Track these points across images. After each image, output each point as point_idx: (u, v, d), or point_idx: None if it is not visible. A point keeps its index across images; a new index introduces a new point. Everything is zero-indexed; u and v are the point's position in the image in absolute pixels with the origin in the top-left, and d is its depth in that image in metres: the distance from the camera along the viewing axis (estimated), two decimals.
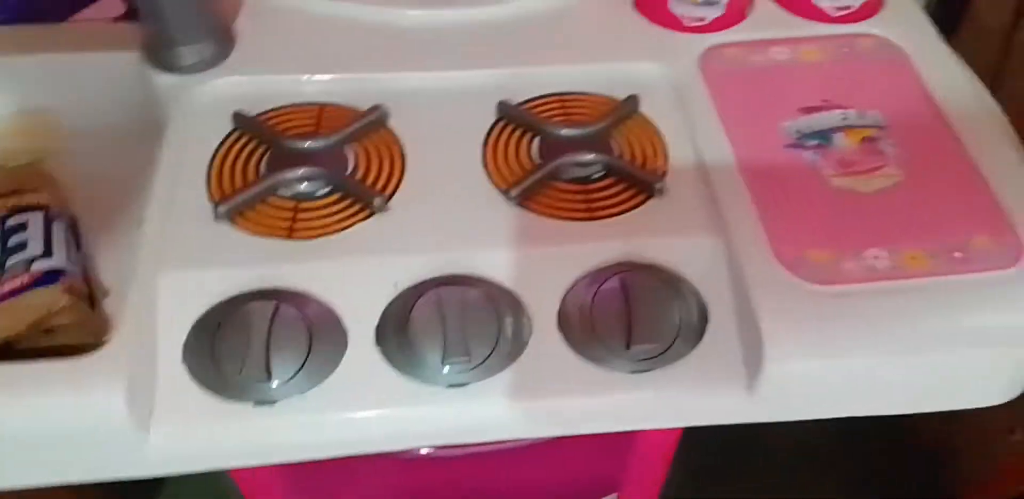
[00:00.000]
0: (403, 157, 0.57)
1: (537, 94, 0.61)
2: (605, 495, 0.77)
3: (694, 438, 0.62)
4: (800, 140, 0.57)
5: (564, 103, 0.61)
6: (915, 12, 0.68)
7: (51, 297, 0.50)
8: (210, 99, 0.59)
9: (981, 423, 0.99)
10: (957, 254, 0.51)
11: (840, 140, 0.57)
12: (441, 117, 0.59)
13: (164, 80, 0.59)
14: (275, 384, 0.47)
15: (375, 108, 0.58)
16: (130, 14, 0.61)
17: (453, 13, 0.64)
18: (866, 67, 0.63)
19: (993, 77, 0.69)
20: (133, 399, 0.45)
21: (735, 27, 0.66)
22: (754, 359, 0.48)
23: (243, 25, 0.63)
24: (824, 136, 0.57)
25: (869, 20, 0.66)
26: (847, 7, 0.66)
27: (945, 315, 0.49)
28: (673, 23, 0.65)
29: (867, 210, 0.53)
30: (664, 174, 0.56)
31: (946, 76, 0.62)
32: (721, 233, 0.52)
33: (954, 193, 0.54)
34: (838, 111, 0.59)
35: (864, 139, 0.57)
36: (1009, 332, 0.49)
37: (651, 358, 0.49)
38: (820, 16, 0.66)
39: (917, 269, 0.50)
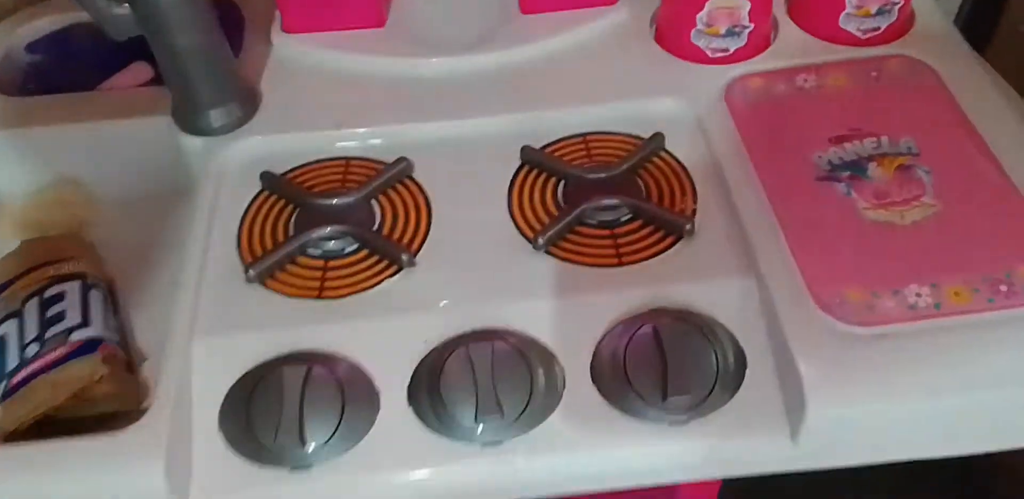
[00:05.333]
0: (429, 208, 0.57)
1: (560, 136, 0.61)
2: None
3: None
4: (832, 172, 0.56)
5: (588, 143, 0.61)
6: (947, 30, 0.66)
7: (91, 367, 0.51)
8: (238, 160, 0.60)
9: None
10: (1002, 287, 0.49)
11: (874, 170, 0.55)
12: (465, 165, 0.59)
13: (192, 143, 0.60)
14: (310, 449, 0.47)
15: (399, 160, 0.58)
16: (158, 79, 0.62)
17: (473, 59, 0.64)
18: (896, 90, 0.61)
19: None
20: (171, 471, 0.45)
21: (760, 56, 0.64)
22: (796, 407, 0.47)
23: (267, 84, 0.64)
24: (857, 167, 0.56)
25: (898, 41, 0.64)
26: (875, 29, 0.64)
27: (992, 353, 0.47)
28: (696, 56, 0.64)
29: (905, 244, 0.51)
30: (693, 213, 0.55)
31: (981, 95, 0.60)
32: (755, 274, 0.51)
33: (995, 221, 0.52)
34: (870, 139, 0.57)
35: (898, 168, 0.56)
36: None
37: (689, 409, 0.48)
38: (847, 39, 0.64)
39: (960, 305, 0.48)
